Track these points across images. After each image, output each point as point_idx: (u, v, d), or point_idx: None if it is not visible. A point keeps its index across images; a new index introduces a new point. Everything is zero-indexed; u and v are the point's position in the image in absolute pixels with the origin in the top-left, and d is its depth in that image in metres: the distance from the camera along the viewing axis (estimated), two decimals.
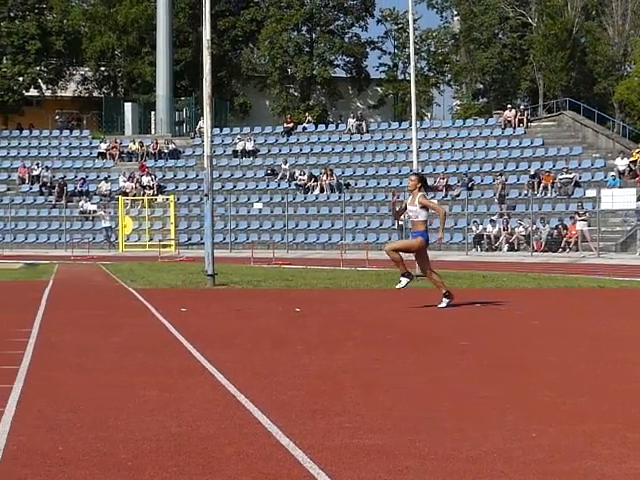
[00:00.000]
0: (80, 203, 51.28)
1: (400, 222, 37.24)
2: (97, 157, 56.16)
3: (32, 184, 53.51)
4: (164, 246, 43.00)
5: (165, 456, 5.36)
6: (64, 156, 56.63)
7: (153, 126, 60.47)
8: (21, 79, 63.52)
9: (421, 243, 14.83)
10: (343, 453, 5.44)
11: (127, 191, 51.25)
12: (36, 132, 59.46)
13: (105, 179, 52.97)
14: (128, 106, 60.92)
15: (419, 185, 15.01)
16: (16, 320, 12.80)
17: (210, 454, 5.41)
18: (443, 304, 14.82)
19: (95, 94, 68.77)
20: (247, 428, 6.10)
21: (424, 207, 14.81)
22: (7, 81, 62.96)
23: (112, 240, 48.48)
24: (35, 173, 53.78)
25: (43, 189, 52.89)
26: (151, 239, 47.03)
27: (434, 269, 15.30)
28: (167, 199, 49.37)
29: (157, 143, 55.84)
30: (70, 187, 52.49)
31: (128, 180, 52.22)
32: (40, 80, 65.39)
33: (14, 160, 55.96)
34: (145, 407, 6.76)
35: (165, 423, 6.22)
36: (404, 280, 15.05)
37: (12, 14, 64.86)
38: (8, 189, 53.56)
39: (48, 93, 67.22)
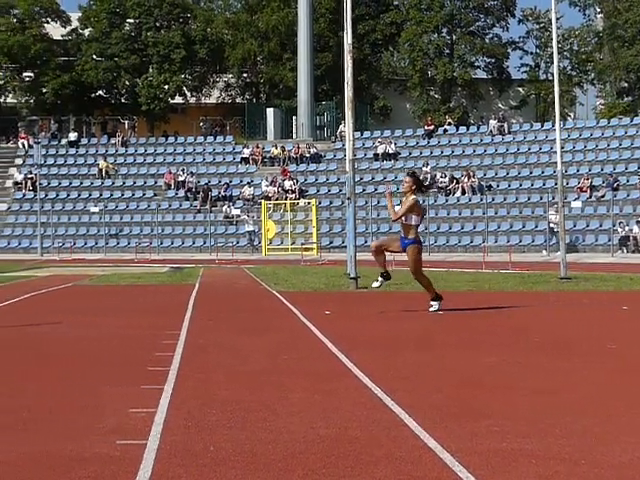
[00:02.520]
0: (224, 208, 52.11)
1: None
2: (240, 162, 56.99)
3: (178, 190, 54.64)
4: (306, 249, 43.38)
5: (314, 457, 5.41)
6: (208, 162, 57.65)
7: (295, 131, 61.03)
8: (166, 87, 64.91)
9: (418, 252, 14.46)
10: (491, 457, 5.39)
11: (270, 195, 51.85)
12: (181, 139, 60.73)
13: (248, 184, 53.73)
14: (270, 111, 61.64)
15: (413, 187, 14.57)
16: (164, 323, 13.08)
17: (359, 456, 5.43)
18: (434, 307, 14.42)
19: (238, 100, 69.75)
20: (394, 431, 6.10)
21: (414, 209, 14.30)
22: (153, 89, 64.42)
23: (255, 244, 49.15)
24: (180, 179, 54.90)
25: (188, 194, 53.95)
26: (293, 242, 47.46)
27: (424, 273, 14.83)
28: (309, 203, 49.75)
29: (299, 147, 56.35)
30: (214, 192, 53.40)
31: (270, 184, 52.83)
32: (185, 88, 66.68)
33: (160, 166, 57.23)
34: (293, 409, 6.84)
35: (313, 425, 6.27)
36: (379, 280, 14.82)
37: (158, 24, 66.34)
38: (155, 195, 54.80)
39: (192, 100, 68.51)
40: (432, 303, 14.44)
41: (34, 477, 5.05)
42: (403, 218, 14.30)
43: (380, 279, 14.76)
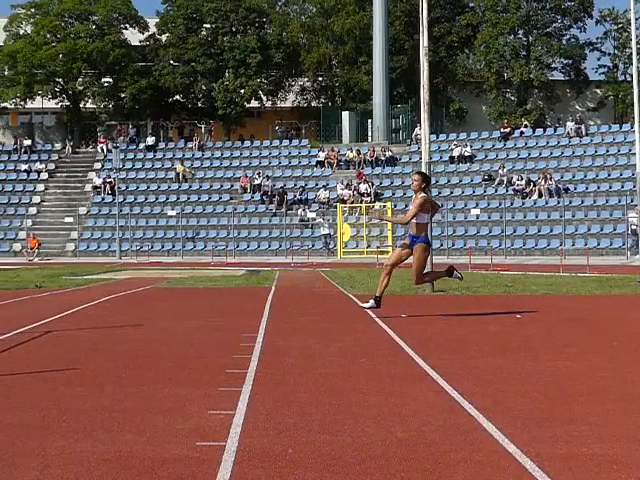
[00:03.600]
0: (299, 211, 52.29)
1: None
2: (316, 166, 57.16)
3: (253, 193, 54.98)
4: (382, 252, 43.29)
5: (392, 461, 5.40)
6: (284, 165, 57.92)
7: (370, 134, 61.05)
8: (242, 91, 65.36)
9: (426, 251, 14.16)
10: (572, 462, 5.34)
11: (345, 199, 51.91)
12: (257, 142, 61.15)
13: (324, 187, 53.87)
14: (345, 115, 61.72)
15: (423, 185, 14.33)
16: (242, 325, 13.15)
17: (437, 460, 5.41)
18: (367, 305, 14.30)
19: (313, 104, 69.98)
20: (473, 435, 6.07)
21: (424, 208, 14.07)
22: (229, 94, 64.91)
23: (331, 247, 49.23)
24: (256, 182, 55.23)
25: (264, 198, 54.24)
26: (369, 246, 47.45)
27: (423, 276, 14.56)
28: (384, 206, 49.71)
29: (374, 151, 56.35)
30: (290, 195, 53.62)
31: (346, 188, 52.89)
32: (260, 92, 67.08)
33: (236, 170, 57.65)
34: (370, 412, 6.83)
35: (391, 428, 6.26)
36: (373, 303, 14.36)
37: (234, 29, 66.82)
38: (231, 198, 55.19)
39: (268, 104, 68.88)
40: (370, 301, 14.33)
41: (114, 478, 5.11)
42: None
43: (372, 302, 14.33)
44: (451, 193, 51.87)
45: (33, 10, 67.32)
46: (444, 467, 5.26)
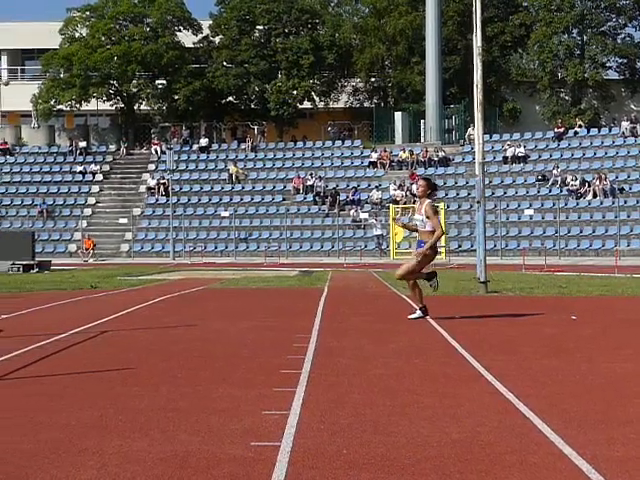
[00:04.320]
0: (352, 212, 52.30)
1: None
2: (368, 166, 57.14)
3: (306, 194, 55.07)
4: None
5: (447, 462, 5.39)
6: (336, 166, 57.96)
7: (423, 134, 60.90)
8: (295, 92, 65.49)
9: (430, 256, 13.94)
10: (629, 465, 5.29)
11: (398, 199, 51.83)
12: (309, 143, 61.25)
13: (376, 188, 53.83)
14: (398, 115, 61.64)
15: (428, 192, 14.18)
16: (295, 326, 13.19)
17: (492, 462, 5.39)
18: (415, 315, 14.02)
19: (366, 104, 69.94)
20: (528, 436, 6.04)
21: (428, 216, 13.83)
22: (282, 95, 65.07)
23: (383, 247, 49.16)
24: (309, 183, 55.32)
25: (317, 198, 54.31)
26: None
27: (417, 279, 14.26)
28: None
29: (427, 151, 56.22)
30: (342, 196, 53.64)
31: (399, 188, 52.81)
32: (313, 93, 67.18)
33: (289, 171, 57.79)
34: (425, 413, 6.82)
35: (445, 429, 6.25)
36: (419, 313, 14.02)
37: (286, 30, 66.99)
38: (284, 199, 55.33)
39: (321, 105, 68.94)
40: (417, 312, 14.05)
41: (170, 477, 5.15)
42: (420, 225, 13.94)
43: (418, 312, 14.05)
44: (504, 193, 51.58)
45: (88, 13, 67.96)
46: (499, 469, 5.24)
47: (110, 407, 7.11)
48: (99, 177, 60.34)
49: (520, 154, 54.17)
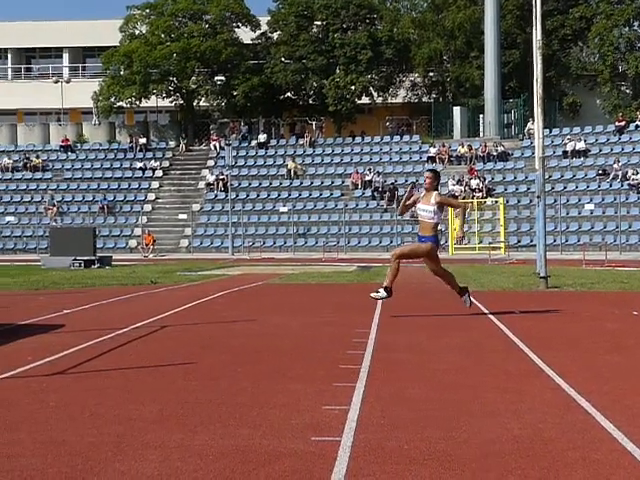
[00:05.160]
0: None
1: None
2: (427, 161, 56.90)
3: (364, 189, 55.01)
4: (494, 248, 42.98)
5: (509, 458, 5.36)
6: (395, 161, 57.82)
7: (481, 129, 60.55)
8: (353, 88, 65.38)
9: (430, 249, 13.80)
10: None
11: (456, 194, 51.57)
12: (368, 138, 61.17)
13: None
14: (457, 110, 61.35)
15: (435, 183, 14.00)
16: (354, 321, 13.19)
17: (554, 458, 5.36)
18: (467, 302, 14.07)
19: (424, 99, 69.66)
20: (590, 433, 5.99)
21: (441, 207, 13.74)
22: (340, 90, 65.02)
23: (442, 243, 48.97)
24: (367, 178, 55.25)
25: (375, 194, 54.25)
26: (481, 242, 47.08)
27: (445, 268, 14.39)
28: (496, 201, 49.28)
29: (486, 146, 55.88)
30: (401, 191, 53.45)
31: (457, 183, 52.58)
32: (371, 88, 67.02)
33: (347, 166, 57.76)
34: (486, 408, 6.79)
35: (507, 425, 6.22)
36: (383, 293, 13.95)
37: (344, 25, 66.90)
38: (342, 194, 55.32)
39: (379, 100, 68.74)
40: (380, 290, 14.03)
41: (231, 471, 5.18)
42: (427, 216, 13.87)
43: (383, 292, 13.99)
44: (564, 188, 51.11)
45: (148, 11, 68.43)
46: (561, 465, 5.21)
47: (171, 401, 7.17)
48: (159, 173, 60.78)
49: (580, 148, 53.64)
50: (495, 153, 55.44)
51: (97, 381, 8.17)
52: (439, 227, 14.26)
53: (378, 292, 14.07)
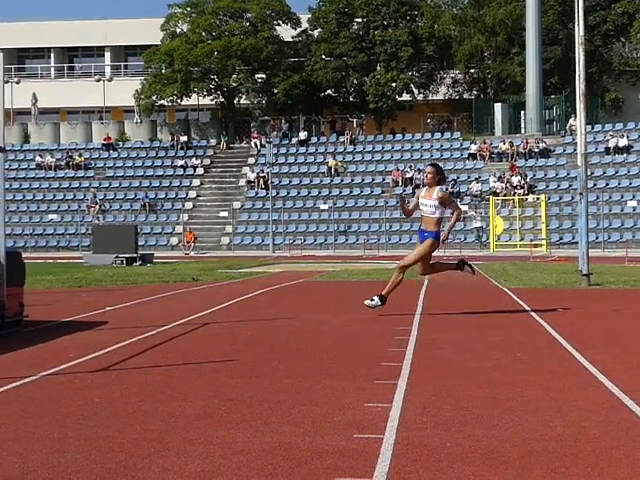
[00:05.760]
0: None
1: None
2: (468, 158, 56.76)
3: (405, 186, 54.92)
4: (535, 245, 42.77)
5: (552, 456, 5.33)
6: (435, 158, 57.61)
7: (523, 125, 60.29)
8: (394, 85, 65.32)
9: (433, 246, 13.60)
10: None
11: (497, 191, 51.40)
12: (408, 136, 61.10)
13: (476, 179, 53.43)
14: (498, 106, 61.11)
15: (437, 178, 13.78)
16: (395, 319, 13.17)
17: (598, 456, 5.32)
18: (468, 271, 14.30)
19: (465, 96, 69.44)
20: (634, 431, 5.94)
21: (442, 203, 13.54)
22: (381, 87, 64.95)
23: (483, 240, 48.80)
24: (408, 176, 55.19)
25: (416, 191, 54.02)
26: (522, 239, 46.88)
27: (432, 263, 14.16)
28: (538, 198, 49.01)
29: (527, 142, 55.62)
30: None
31: (498, 180, 52.36)
32: (412, 85, 66.92)
33: (388, 163, 57.72)
34: (529, 406, 6.76)
35: (550, 423, 6.18)
36: (377, 301, 13.69)
37: (385, 22, 66.83)
38: (382, 192, 55.27)
39: (420, 97, 68.63)
40: (374, 298, 13.81)
41: (273, 468, 5.19)
42: (429, 211, 13.72)
43: (378, 300, 13.76)
44: (607, 185, 50.75)
45: (189, 9, 68.75)
46: (606, 464, 5.17)
47: (213, 398, 7.19)
48: (200, 171, 61.04)
49: (623, 145, 53.25)
50: (536, 150, 55.16)
51: (140, 378, 8.22)
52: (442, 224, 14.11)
53: (372, 300, 13.85)
